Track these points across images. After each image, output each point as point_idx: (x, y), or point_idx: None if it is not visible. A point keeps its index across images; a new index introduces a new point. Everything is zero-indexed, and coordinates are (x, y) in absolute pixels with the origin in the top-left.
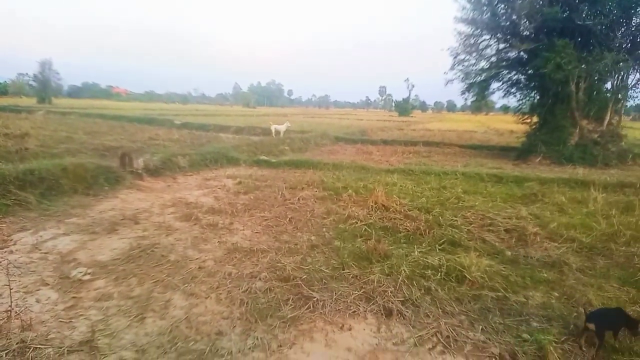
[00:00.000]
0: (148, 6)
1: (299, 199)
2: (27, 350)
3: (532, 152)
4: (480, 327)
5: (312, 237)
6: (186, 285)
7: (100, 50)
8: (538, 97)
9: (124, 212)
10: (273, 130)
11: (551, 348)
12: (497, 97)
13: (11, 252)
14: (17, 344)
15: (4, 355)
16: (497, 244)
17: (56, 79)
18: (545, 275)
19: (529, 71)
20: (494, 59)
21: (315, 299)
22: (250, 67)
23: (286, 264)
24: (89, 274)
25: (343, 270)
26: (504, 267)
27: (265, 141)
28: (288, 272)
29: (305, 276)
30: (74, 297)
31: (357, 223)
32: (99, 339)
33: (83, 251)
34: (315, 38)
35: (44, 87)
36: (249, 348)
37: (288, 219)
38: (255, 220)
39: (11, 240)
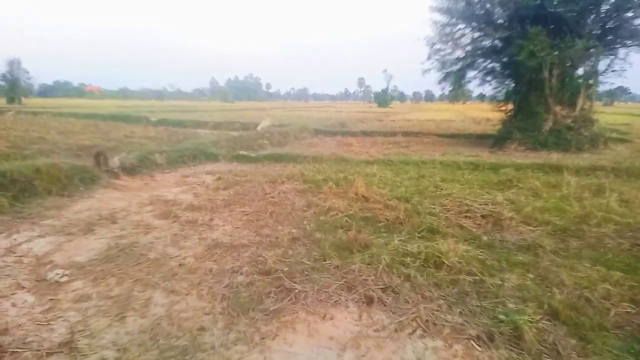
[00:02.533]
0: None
1: (279, 192)
2: (4, 354)
3: (507, 139)
4: (458, 310)
5: (293, 230)
6: (167, 282)
7: (71, 47)
8: (513, 85)
9: (100, 212)
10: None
11: (526, 327)
12: (474, 85)
13: None
14: None
15: None
16: (474, 229)
17: (26, 78)
18: (521, 258)
19: (504, 59)
20: (469, 47)
21: (297, 290)
22: (227, 60)
23: (267, 258)
24: (67, 275)
25: (324, 261)
26: (481, 252)
27: (244, 136)
28: (269, 265)
29: (286, 269)
30: (51, 300)
31: (337, 214)
32: (78, 340)
33: (59, 253)
34: (294, 33)
35: (12, 87)
36: (232, 342)
37: (269, 212)
38: (236, 216)
39: None
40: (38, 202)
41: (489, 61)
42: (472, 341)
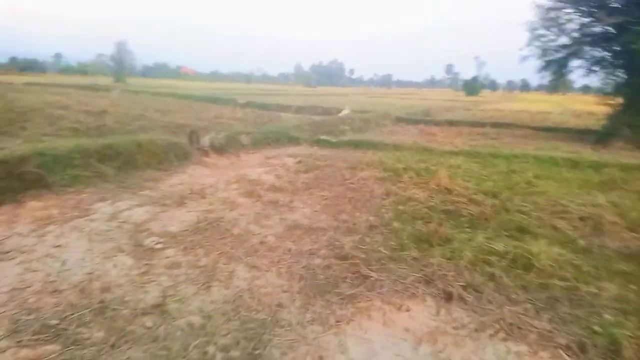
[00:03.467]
0: None
1: (358, 179)
2: (106, 309)
3: (614, 136)
4: (547, 316)
5: (371, 218)
6: (249, 258)
7: (170, 32)
8: (625, 77)
9: (191, 187)
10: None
11: (626, 343)
12: (577, 76)
13: (92, 220)
14: (97, 303)
15: (87, 313)
16: (569, 232)
17: (130, 59)
18: (622, 267)
19: (616, 48)
20: (576, 34)
21: (373, 278)
22: (313, 46)
23: (344, 243)
24: (161, 243)
25: (402, 251)
26: (576, 257)
27: (325, 121)
28: (346, 250)
29: (363, 255)
30: (146, 264)
31: (417, 205)
32: (169, 304)
33: (155, 222)
34: (380, 19)
35: (119, 67)
36: (308, 321)
37: (347, 198)
38: (315, 199)
39: (92, 209)
40: (138, 174)
41: (597, 50)
42: (560, 350)
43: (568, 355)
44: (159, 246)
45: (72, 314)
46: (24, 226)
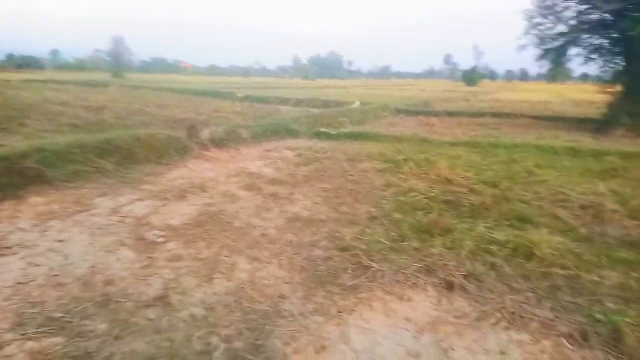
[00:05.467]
0: None
1: (358, 171)
2: (110, 302)
3: (614, 124)
4: (549, 305)
5: (372, 209)
6: (250, 250)
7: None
8: (623, 64)
9: (192, 181)
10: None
11: (628, 331)
12: (576, 64)
13: (93, 215)
14: (100, 296)
15: (90, 306)
16: (571, 221)
17: (128, 54)
18: (624, 255)
19: (614, 35)
20: (573, 22)
21: (374, 269)
22: (311, 39)
23: (345, 235)
24: (162, 236)
25: (403, 242)
26: (578, 245)
27: (325, 113)
28: (347, 242)
29: (364, 247)
30: (149, 258)
31: (418, 196)
32: (172, 296)
33: (156, 216)
34: (377, 10)
35: (117, 63)
36: (310, 312)
37: (347, 190)
38: (315, 192)
39: (93, 204)
40: (139, 168)
41: (595, 37)
42: (562, 338)
43: (570, 344)
44: (160, 240)
45: (76, 307)
46: (26, 221)
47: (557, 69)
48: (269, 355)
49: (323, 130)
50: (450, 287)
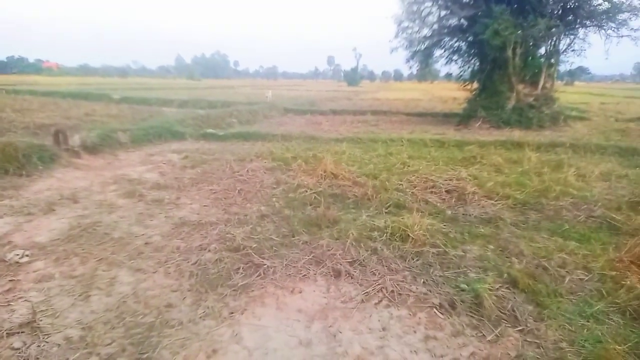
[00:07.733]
0: None
1: (247, 170)
2: None
3: (472, 117)
4: (422, 280)
5: (262, 208)
6: (132, 261)
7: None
8: (478, 64)
9: (61, 192)
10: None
11: (486, 295)
12: (441, 65)
13: None
14: None
15: None
16: (438, 204)
17: None
18: (482, 230)
19: (469, 38)
20: (436, 26)
21: (265, 266)
22: (193, 37)
23: (236, 235)
24: (27, 255)
25: (293, 237)
26: (445, 225)
27: (211, 114)
28: (238, 242)
29: (255, 245)
30: (11, 280)
31: (306, 192)
32: (41, 320)
33: (19, 233)
34: (262, 12)
35: None
36: (200, 317)
37: (237, 190)
38: (204, 194)
39: None
40: None
41: (455, 40)
42: (435, 309)
43: (441, 313)
44: (24, 259)
45: None
46: None
47: (425, 69)
48: None
49: (210, 131)
50: (337, 274)
